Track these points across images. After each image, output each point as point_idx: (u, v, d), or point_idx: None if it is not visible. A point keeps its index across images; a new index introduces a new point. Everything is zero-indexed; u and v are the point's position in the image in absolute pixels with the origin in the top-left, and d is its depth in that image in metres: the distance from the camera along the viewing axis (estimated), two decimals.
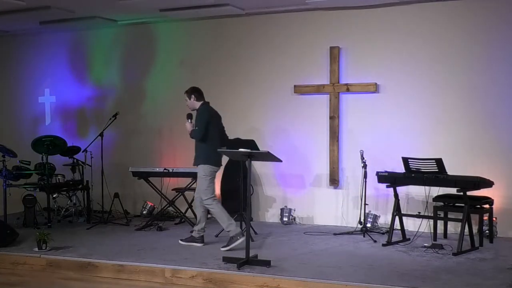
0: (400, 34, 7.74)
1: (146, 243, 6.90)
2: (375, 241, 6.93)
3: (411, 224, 7.36)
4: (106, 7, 8.23)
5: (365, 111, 7.92)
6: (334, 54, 8.01)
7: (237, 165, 7.66)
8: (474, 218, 6.74)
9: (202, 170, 6.63)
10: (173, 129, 9.02)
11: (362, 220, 7.40)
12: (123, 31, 9.32)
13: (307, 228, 7.88)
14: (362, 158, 7.33)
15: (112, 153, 9.20)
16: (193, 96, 6.76)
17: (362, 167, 7.31)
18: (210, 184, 6.66)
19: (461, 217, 6.38)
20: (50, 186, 8.06)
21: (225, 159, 8.21)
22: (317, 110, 8.16)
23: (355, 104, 7.99)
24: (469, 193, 6.36)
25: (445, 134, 7.54)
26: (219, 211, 6.62)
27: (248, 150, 5.95)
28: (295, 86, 8.23)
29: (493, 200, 6.82)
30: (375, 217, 7.64)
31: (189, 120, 6.77)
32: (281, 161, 6.06)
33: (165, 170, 7.87)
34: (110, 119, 8.38)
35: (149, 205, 8.86)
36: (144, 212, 8.85)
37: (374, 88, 7.80)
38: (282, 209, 8.22)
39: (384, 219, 7.69)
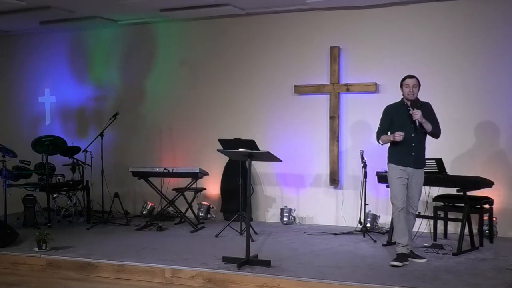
0: (400, 34, 7.74)
1: (146, 243, 6.90)
2: (375, 241, 6.92)
3: None
4: (106, 7, 8.23)
5: (365, 111, 7.91)
6: (334, 54, 8.01)
7: (237, 165, 7.67)
8: (474, 218, 6.74)
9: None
10: (173, 129, 9.02)
11: (362, 220, 7.40)
12: (123, 31, 9.32)
13: (307, 228, 7.87)
14: (362, 158, 7.33)
15: (112, 153, 9.19)
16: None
17: (362, 167, 7.31)
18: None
19: (461, 217, 6.39)
20: (50, 186, 8.06)
21: (225, 159, 8.25)
22: (317, 110, 8.16)
23: (355, 104, 7.99)
24: (469, 193, 6.36)
25: (445, 134, 7.51)
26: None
27: (248, 150, 5.94)
28: (295, 86, 8.22)
29: (493, 200, 6.82)
30: (375, 217, 7.63)
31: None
32: (281, 161, 6.06)
33: (165, 170, 7.86)
34: (110, 119, 8.38)
35: (149, 205, 8.85)
36: (144, 212, 8.84)
37: (374, 88, 7.80)
38: (282, 209, 8.21)
39: (384, 219, 7.69)
